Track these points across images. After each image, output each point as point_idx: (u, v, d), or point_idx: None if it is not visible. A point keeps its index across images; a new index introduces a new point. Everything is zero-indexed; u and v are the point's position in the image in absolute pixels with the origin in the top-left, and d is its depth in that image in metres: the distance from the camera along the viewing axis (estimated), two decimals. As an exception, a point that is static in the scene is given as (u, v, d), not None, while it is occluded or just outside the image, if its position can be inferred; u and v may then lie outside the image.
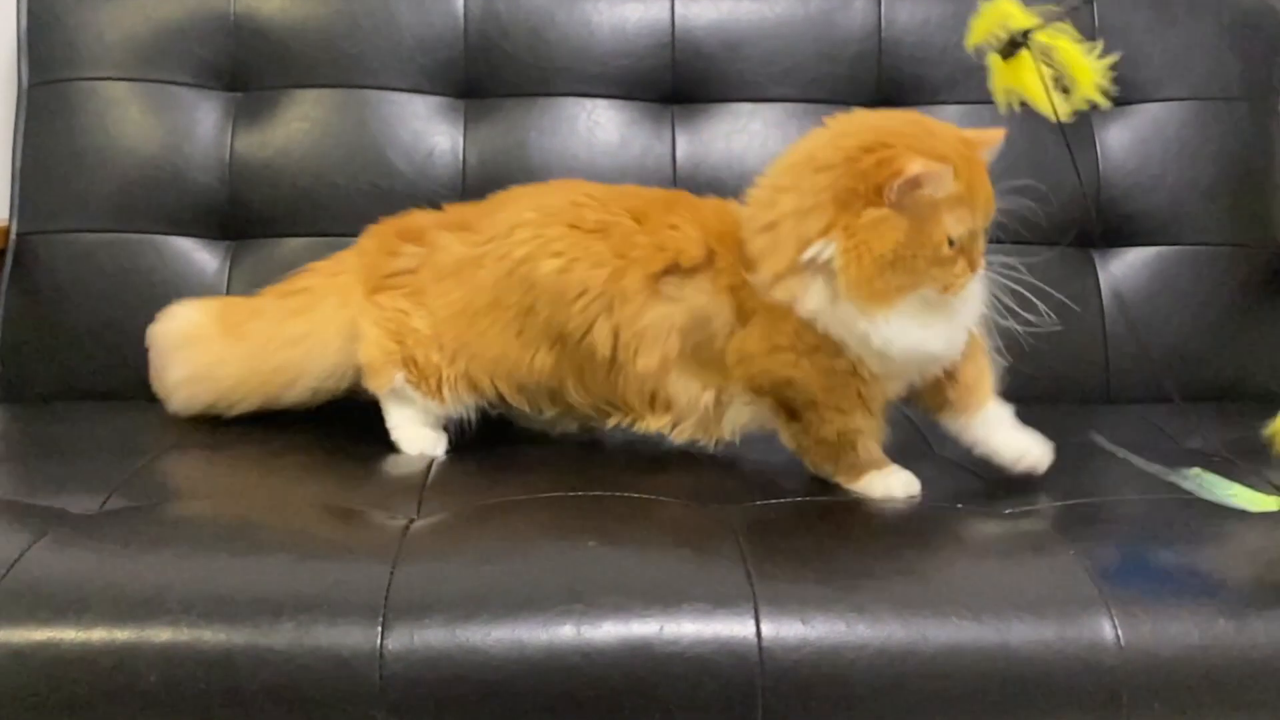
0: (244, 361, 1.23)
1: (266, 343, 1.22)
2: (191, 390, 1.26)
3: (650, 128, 1.44)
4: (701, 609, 0.85)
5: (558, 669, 0.83)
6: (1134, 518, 1.04)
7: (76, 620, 0.82)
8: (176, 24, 1.41)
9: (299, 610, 0.83)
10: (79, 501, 1.01)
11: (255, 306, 1.27)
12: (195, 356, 1.26)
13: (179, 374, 1.26)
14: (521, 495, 1.04)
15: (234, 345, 1.24)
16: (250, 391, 1.23)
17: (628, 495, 1.04)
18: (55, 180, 1.39)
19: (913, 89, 1.45)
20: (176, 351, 1.27)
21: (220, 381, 1.24)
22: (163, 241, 1.39)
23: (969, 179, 1.00)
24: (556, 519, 1.00)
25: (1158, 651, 0.85)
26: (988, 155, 1.04)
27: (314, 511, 1.00)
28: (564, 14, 1.43)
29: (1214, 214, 1.46)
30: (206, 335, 1.26)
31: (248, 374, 1.23)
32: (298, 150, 1.40)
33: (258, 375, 1.22)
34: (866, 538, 0.98)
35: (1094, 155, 1.45)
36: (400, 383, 1.16)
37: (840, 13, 1.44)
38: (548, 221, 1.13)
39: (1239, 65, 1.48)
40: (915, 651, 0.84)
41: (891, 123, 1.06)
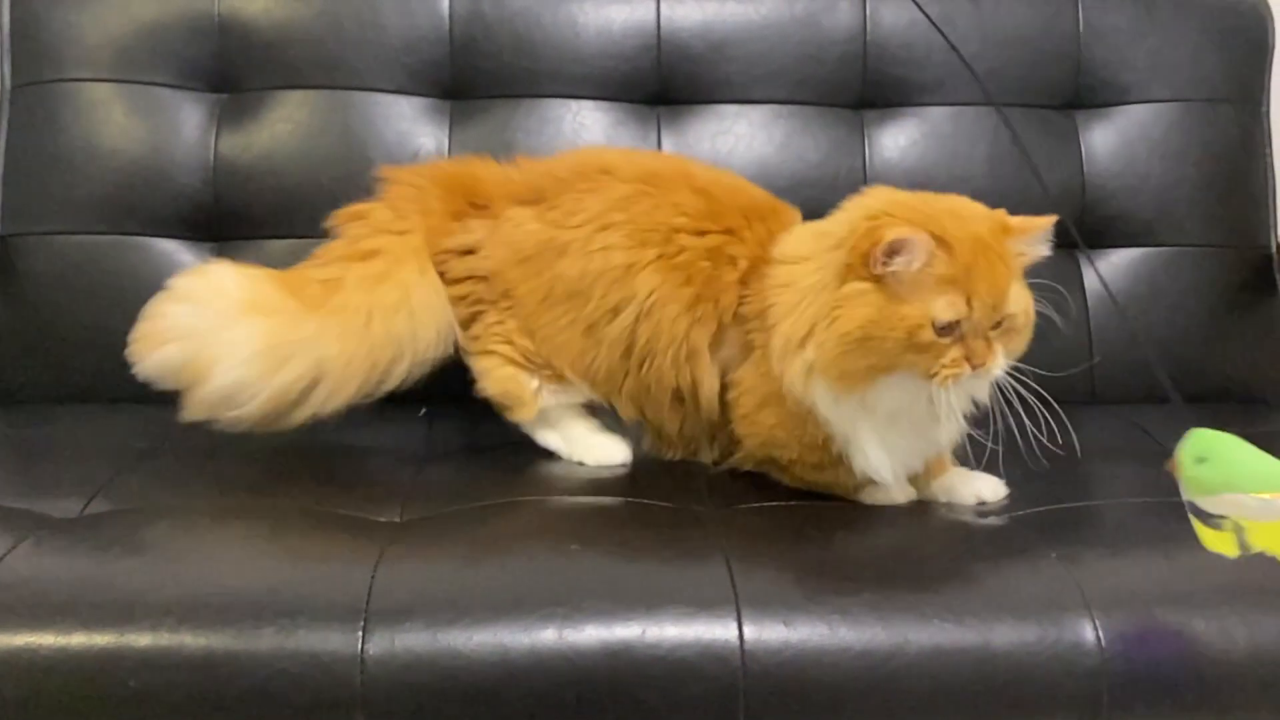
0: (347, 338, 1.09)
1: (367, 312, 1.10)
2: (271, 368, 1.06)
3: (636, 129, 1.44)
4: (684, 612, 0.85)
5: (540, 673, 0.83)
6: (1115, 522, 1.04)
7: (56, 625, 0.82)
8: (160, 25, 1.41)
9: (280, 614, 0.83)
10: (61, 505, 1.00)
11: (324, 276, 1.13)
12: (277, 329, 1.08)
13: (254, 346, 1.06)
14: (504, 499, 1.04)
15: (326, 319, 1.09)
16: (356, 372, 1.09)
17: (610, 498, 1.04)
18: (39, 182, 1.38)
19: (898, 91, 1.45)
20: (243, 317, 1.08)
21: (322, 362, 1.08)
22: (147, 243, 1.38)
23: (970, 262, 0.94)
24: (539, 522, 1.00)
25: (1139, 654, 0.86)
26: (1028, 243, 0.99)
27: (296, 515, 1.00)
28: (549, 15, 1.43)
29: (1198, 216, 1.46)
30: (282, 307, 1.10)
31: (355, 349, 1.09)
32: (282, 151, 1.39)
33: (366, 350, 1.09)
34: (849, 541, 0.98)
35: (1078, 157, 1.45)
36: (547, 396, 1.14)
37: (825, 15, 1.44)
38: (639, 241, 1.09)
39: (1223, 67, 1.48)
40: (897, 654, 0.85)
41: (916, 198, 1.02)
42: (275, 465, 1.13)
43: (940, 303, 0.93)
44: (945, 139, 1.44)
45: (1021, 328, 0.98)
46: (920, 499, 1.08)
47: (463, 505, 1.02)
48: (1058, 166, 1.45)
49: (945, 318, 0.93)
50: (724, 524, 0.98)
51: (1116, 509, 1.07)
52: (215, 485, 1.08)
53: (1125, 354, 1.43)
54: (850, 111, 1.45)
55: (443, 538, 0.96)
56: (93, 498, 1.02)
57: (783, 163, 1.43)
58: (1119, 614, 0.87)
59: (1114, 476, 1.17)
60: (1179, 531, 1.00)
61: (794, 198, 1.41)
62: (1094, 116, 1.47)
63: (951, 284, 0.93)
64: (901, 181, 1.42)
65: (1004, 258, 0.96)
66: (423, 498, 1.04)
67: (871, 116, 1.45)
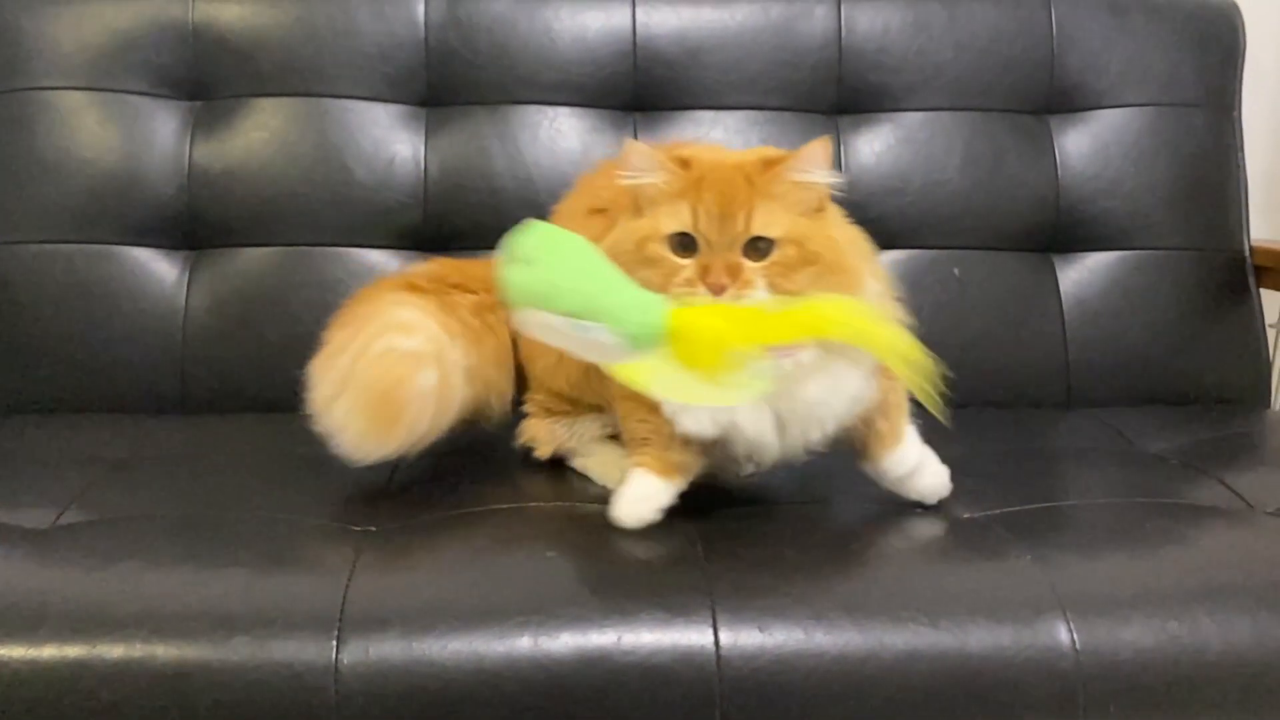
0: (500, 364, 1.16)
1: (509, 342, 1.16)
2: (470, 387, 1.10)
3: (612, 135, 1.44)
4: (659, 618, 0.85)
5: (515, 681, 0.82)
6: (1090, 522, 1.04)
7: (27, 637, 0.82)
8: (134, 33, 1.40)
9: (253, 624, 0.83)
10: (33, 516, 0.99)
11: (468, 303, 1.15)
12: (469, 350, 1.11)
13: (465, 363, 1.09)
14: (478, 507, 1.03)
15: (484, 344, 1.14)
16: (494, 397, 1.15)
17: (585, 505, 1.03)
18: (11, 191, 1.37)
19: (873, 96, 1.46)
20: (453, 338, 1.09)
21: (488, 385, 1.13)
22: (121, 252, 1.37)
23: (702, 176, 0.93)
24: (514, 530, 0.99)
25: (1113, 655, 0.86)
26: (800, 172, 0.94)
27: (270, 524, 0.99)
28: (525, 22, 1.43)
29: (1172, 219, 1.47)
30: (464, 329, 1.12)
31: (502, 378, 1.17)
32: (257, 159, 1.39)
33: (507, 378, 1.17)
34: (824, 545, 0.98)
35: (1052, 161, 1.46)
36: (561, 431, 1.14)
37: (801, 20, 1.45)
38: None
39: (1195, 72, 1.49)
40: (873, 658, 0.85)
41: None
42: (249, 475, 1.12)
43: (666, 212, 0.93)
44: (920, 144, 1.45)
45: (796, 261, 0.92)
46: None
47: (437, 514, 1.02)
48: (1032, 171, 1.46)
49: (668, 228, 0.93)
50: (699, 530, 0.98)
51: (1091, 510, 1.07)
52: (188, 495, 1.08)
53: (1100, 358, 1.44)
54: (825, 117, 1.46)
55: (417, 546, 0.95)
56: (65, 508, 1.01)
57: (759, 168, 1.43)
58: (1093, 615, 0.87)
59: (1088, 478, 1.18)
60: (1153, 533, 1.01)
61: (770, 203, 1.42)
62: (1068, 121, 1.48)
63: (681, 197, 0.93)
64: (877, 186, 1.44)
65: (753, 180, 0.93)
66: (397, 506, 1.03)
67: (847, 122, 1.46)
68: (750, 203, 0.92)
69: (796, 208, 0.94)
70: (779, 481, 1.12)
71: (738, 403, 0.93)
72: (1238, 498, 1.09)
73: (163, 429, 1.28)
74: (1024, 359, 1.43)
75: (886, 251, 1.43)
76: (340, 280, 1.37)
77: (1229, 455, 1.24)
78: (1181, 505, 1.07)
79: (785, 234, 0.92)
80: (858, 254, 0.99)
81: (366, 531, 0.98)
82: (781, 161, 0.93)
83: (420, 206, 1.40)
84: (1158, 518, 1.04)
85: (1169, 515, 1.05)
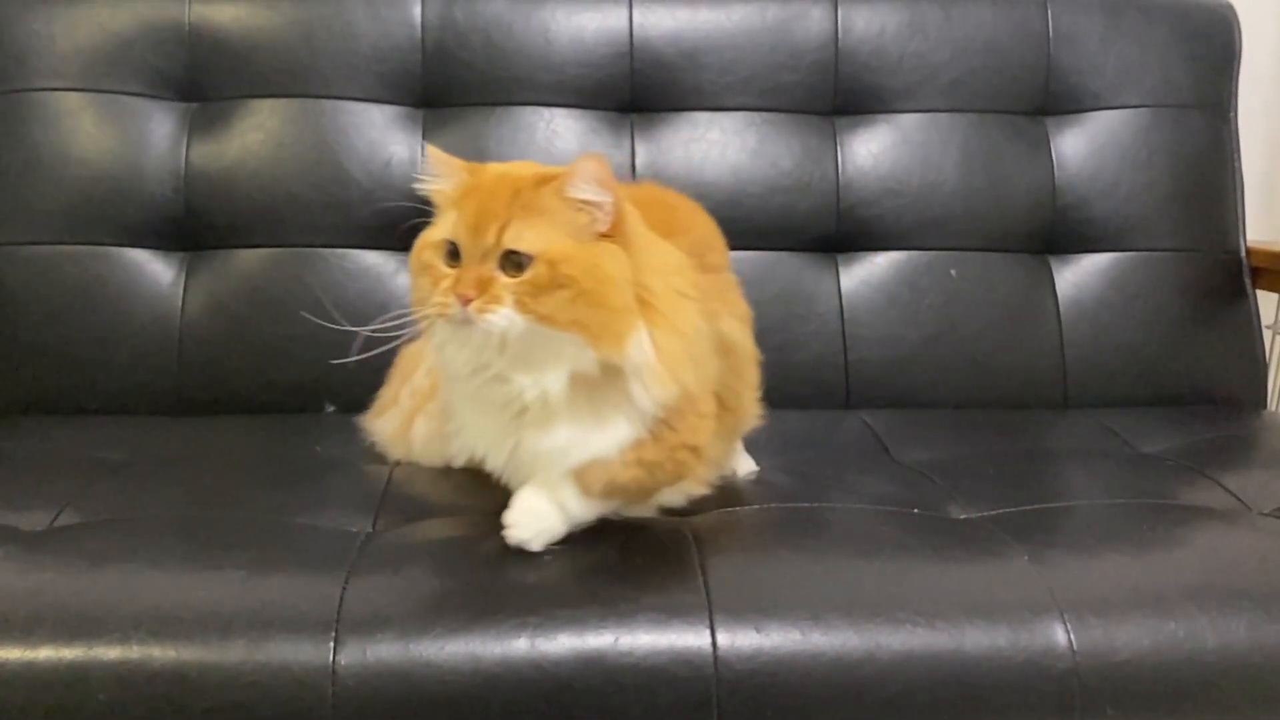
0: None
1: None
2: None
3: (609, 136, 1.44)
4: (656, 619, 0.85)
5: (512, 682, 0.82)
6: (1087, 523, 1.04)
7: (24, 638, 0.81)
8: (130, 34, 1.40)
9: (250, 626, 0.82)
10: (29, 518, 0.99)
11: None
12: None
13: None
14: (475, 508, 1.03)
15: None
16: None
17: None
18: (8, 192, 1.37)
19: (869, 97, 1.46)
20: None
21: None
22: (117, 253, 1.37)
23: (473, 186, 0.90)
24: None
25: (1110, 656, 0.86)
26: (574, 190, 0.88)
27: (267, 526, 0.99)
28: (522, 23, 1.43)
29: (1168, 220, 1.48)
30: None
31: None
32: (254, 160, 1.39)
33: None
34: (821, 546, 0.98)
35: (1049, 163, 1.46)
36: None
37: (797, 22, 1.45)
38: None
39: (1191, 73, 1.50)
40: (870, 659, 0.85)
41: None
42: (246, 476, 1.12)
43: (443, 219, 0.91)
44: (917, 145, 1.45)
45: (546, 282, 0.86)
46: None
47: (434, 515, 1.01)
48: (1028, 172, 1.46)
49: (440, 234, 0.90)
50: (696, 530, 0.98)
51: (1088, 511, 1.07)
52: (185, 497, 1.07)
53: (1097, 358, 1.44)
54: (822, 118, 1.46)
55: (414, 548, 0.95)
56: (61, 510, 1.01)
57: (756, 169, 1.43)
58: (1090, 616, 0.87)
59: (1085, 479, 1.18)
60: (1150, 534, 1.01)
61: (767, 204, 1.43)
62: (1064, 123, 1.49)
63: (454, 205, 0.90)
64: (874, 187, 1.44)
65: (520, 193, 0.88)
66: (394, 508, 1.03)
67: (844, 123, 1.46)
68: (507, 216, 0.87)
69: (565, 227, 0.88)
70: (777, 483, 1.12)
71: None
72: (1234, 499, 1.10)
73: (159, 430, 1.28)
74: (1021, 360, 1.43)
75: (884, 253, 1.44)
76: (337, 282, 1.37)
77: (1225, 456, 1.24)
78: (1178, 506, 1.07)
79: (541, 252, 0.86)
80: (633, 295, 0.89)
81: (364, 533, 0.98)
82: (555, 178, 0.88)
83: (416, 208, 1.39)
84: (1154, 519, 1.04)
85: (1166, 516, 1.05)
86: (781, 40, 1.45)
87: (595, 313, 0.87)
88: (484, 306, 0.86)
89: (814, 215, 1.43)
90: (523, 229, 0.87)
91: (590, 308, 0.87)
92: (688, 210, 1.14)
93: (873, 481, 1.13)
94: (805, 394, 1.40)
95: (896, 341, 1.42)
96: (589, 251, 0.88)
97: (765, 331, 1.39)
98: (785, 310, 1.41)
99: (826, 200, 1.43)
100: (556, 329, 0.87)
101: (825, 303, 1.43)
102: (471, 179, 0.91)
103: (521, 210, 0.87)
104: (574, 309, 0.87)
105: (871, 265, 1.44)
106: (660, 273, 0.92)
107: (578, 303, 0.87)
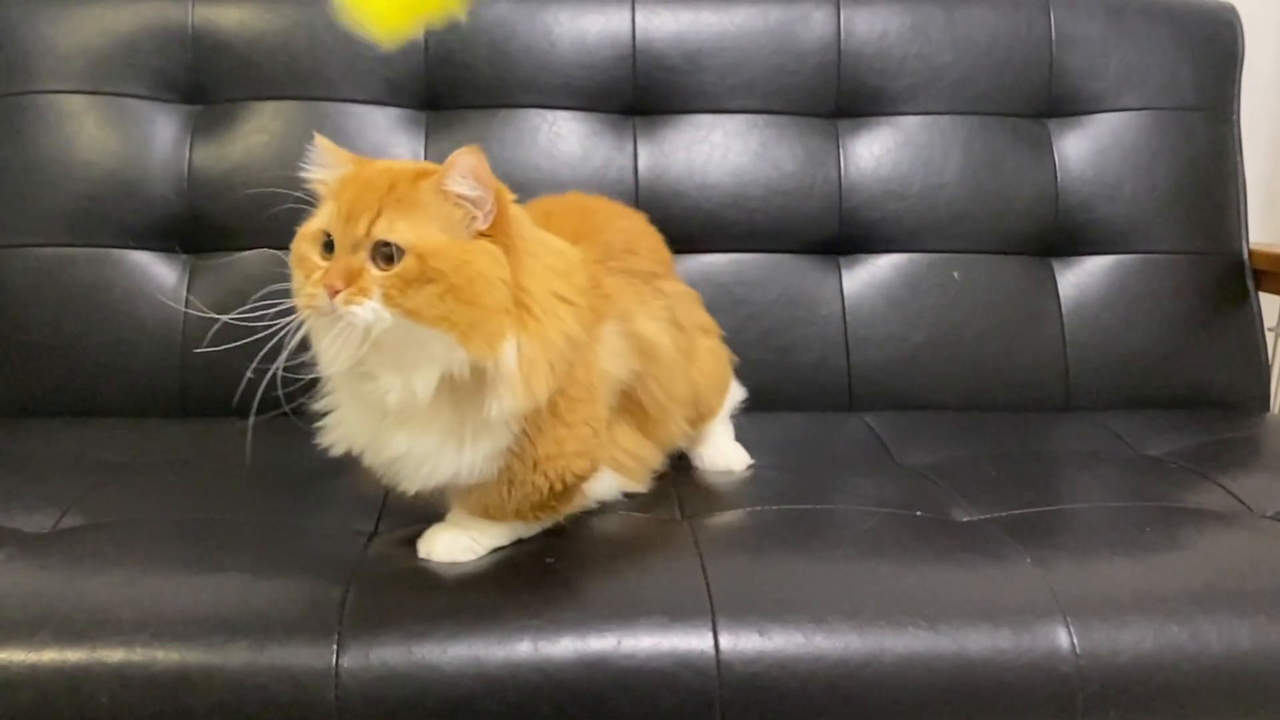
0: None
1: None
2: None
3: (612, 139, 1.44)
4: (659, 622, 0.85)
5: (515, 685, 0.82)
6: (1090, 526, 1.04)
7: (27, 641, 0.82)
8: (134, 36, 1.40)
9: (253, 629, 0.83)
10: (32, 520, 0.99)
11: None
12: None
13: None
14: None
15: None
16: None
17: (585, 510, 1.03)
18: (11, 194, 1.37)
19: (872, 100, 1.46)
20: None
21: None
22: (120, 255, 1.37)
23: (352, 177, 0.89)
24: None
25: (1112, 659, 0.86)
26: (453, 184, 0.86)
27: (270, 528, 0.99)
28: (525, 26, 1.43)
29: (1171, 222, 1.47)
30: None
31: None
32: (257, 163, 1.39)
33: None
34: (823, 549, 0.98)
35: (1052, 165, 1.46)
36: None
37: (800, 24, 1.45)
38: None
39: (1194, 76, 1.49)
40: (872, 662, 0.85)
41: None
42: (249, 478, 1.12)
43: (321, 210, 0.89)
44: (919, 148, 1.45)
45: (415, 276, 0.84)
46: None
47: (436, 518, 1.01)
48: (1031, 175, 1.46)
49: (315, 225, 0.88)
50: (698, 534, 0.98)
51: (1091, 514, 1.07)
52: (188, 499, 1.07)
53: (1099, 361, 1.44)
54: (825, 121, 1.46)
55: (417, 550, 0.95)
56: (65, 512, 1.01)
57: (758, 172, 1.43)
58: (1093, 619, 0.87)
59: (1088, 481, 1.18)
60: (1153, 537, 1.01)
61: (769, 206, 1.43)
62: (1067, 125, 1.49)
63: (332, 196, 0.88)
64: (877, 190, 1.44)
65: (396, 186, 0.86)
66: (397, 511, 1.03)
67: (846, 125, 1.46)
68: (379, 207, 0.85)
69: (440, 222, 0.86)
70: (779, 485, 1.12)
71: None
72: (1237, 501, 1.10)
73: (163, 432, 1.28)
74: (1023, 362, 1.43)
75: (886, 255, 1.44)
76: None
77: (1228, 459, 1.24)
78: (1181, 509, 1.07)
79: (411, 245, 0.84)
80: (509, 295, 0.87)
81: (367, 535, 0.98)
82: (432, 173, 0.87)
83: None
84: (1157, 521, 1.04)
85: (1168, 519, 1.05)
86: (784, 43, 1.45)
87: (465, 310, 0.85)
88: (350, 298, 0.84)
89: (816, 217, 1.43)
90: (395, 220, 0.85)
91: (460, 304, 0.85)
92: (609, 214, 1.13)
93: (875, 484, 1.14)
94: (807, 396, 1.40)
95: (899, 343, 1.42)
96: (463, 248, 0.86)
97: (768, 334, 1.41)
98: (788, 312, 1.42)
99: (829, 202, 1.43)
100: (425, 325, 0.85)
101: (828, 305, 1.43)
102: (354, 170, 0.89)
103: (396, 202, 0.86)
104: (443, 305, 0.85)
105: (874, 267, 1.44)
106: (540, 275, 0.90)
107: (447, 299, 0.85)
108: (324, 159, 0.91)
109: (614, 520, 1.03)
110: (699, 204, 1.42)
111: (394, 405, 0.88)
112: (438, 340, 0.86)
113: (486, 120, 1.43)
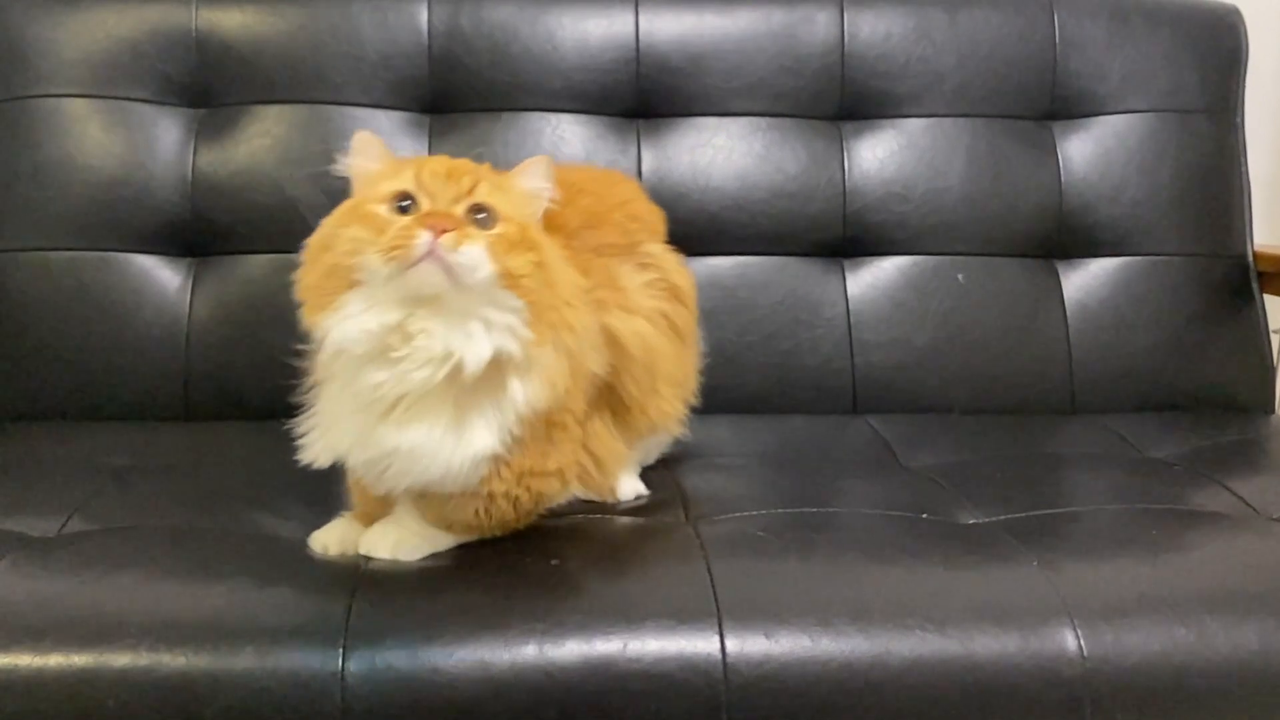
0: None
1: None
2: None
3: (615, 142, 1.44)
4: (665, 625, 0.85)
5: (521, 689, 0.82)
6: (1096, 528, 1.04)
7: (33, 645, 0.81)
8: (138, 40, 1.40)
9: (259, 633, 0.82)
10: (38, 524, 0.99)
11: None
12: None
13: None
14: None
15: None
16: None
17: (590, 515, 1.03)
18: (15, 198, 1.37)
19: (876, 102, 1.46)
20: None
21: None
22: (124, 259, 1.37)
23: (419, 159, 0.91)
24: (520, 538, 0.99)
25: (1120, 661, 0.86)
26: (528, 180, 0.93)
27: (275, 532, 0.99)
28: (528, 29, 1.43)
29: (1175, 225, 1.47)
30: None
31: None
32: (261, 166, 1.39)
33: None
34: (830, 551, 0.98)
35: (1055, 167, 1.46)
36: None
37: (803, 27, 1.45)
38: None
39: (1198, 78, 1.49)
40: (879, 665, 0.85)
41: None
42: (255, 482, 1.12)
43: (387, 179, 0.89)
44: (923, 150, 1.45)
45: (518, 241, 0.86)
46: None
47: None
48: (1035, 177, 1.46)
49: (389, 189, 0.87)
50: (704, 536, 0.98)
51: (1096, 516, 1.07)
52: (193, 503, 1.07)
53: (1104, 363, 1.44)
54: (829, 123, 1.46)
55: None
56: (70, 516, 1.01)
57: (762, 174, 1.43)
58: (1100, 621, 0.87)
59: (1093, 484, 1.18)
60: (1159, 539, 1.01)
61: (773, 209, 1.43)
62: (1070, 127, 1.49)
63: (405, 167, 0.89)
64: (880, 192, 1.44)
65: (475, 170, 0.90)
66: (403, 513, 1.03)
67: (850, 128, 1.46)
68: (477, 173, 0.89)
69: (523, 210, 0.91)
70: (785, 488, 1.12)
71: None
72: (1243, 503, 1.09)
73: (167, 437, 1.28)
74: (1028, 365, 1.43)
75: (890, 258, 1.44)
76: (344, 287, 1.37)
77: (1234, 461, 1.24)
78: (1186, 511, 1.07)
79: (509, 215, 0.88)
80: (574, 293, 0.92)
81: (372, 539, 0.98)
82: (503, 175, 0.92)
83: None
84: (1163, 524, 1.03)
85: (1174, 521, 1.05)
86: (787, 46, 1.45)
87: (545, 292, 0.88)
88: (461, 239, 0.83)
89: (820, 220, 1.43)
90: (492, 190, 0.89)
91: (542, 284, 0.87)
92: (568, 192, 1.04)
93: (880, 487, 1.14)
94: (812, 399, 1.40)
95: (903, 346, 1.42)
96: (545, 235, 0.91)
97: (772, 337, 1.41)
98: (792, 315, 1.41)
99: (833, 205, 1.43)
100: (511, 291, 0.86)
101: (832, 308, 1.43)
102: (408, 157, 0.92)
103: (489, 177, 0.90)
104: (534, 277, 0.87)
105: (878, 270, 1.44)
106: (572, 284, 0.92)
107: (538, 273, 0.87)
108: (372, 151, 0.93)
109: (619, 523, 1.03)
110: (702, 207, 1.42)
111: (420, 380, 0.85)
112: (510, 314, 0.86)
113: (489, 123, 1.43)
